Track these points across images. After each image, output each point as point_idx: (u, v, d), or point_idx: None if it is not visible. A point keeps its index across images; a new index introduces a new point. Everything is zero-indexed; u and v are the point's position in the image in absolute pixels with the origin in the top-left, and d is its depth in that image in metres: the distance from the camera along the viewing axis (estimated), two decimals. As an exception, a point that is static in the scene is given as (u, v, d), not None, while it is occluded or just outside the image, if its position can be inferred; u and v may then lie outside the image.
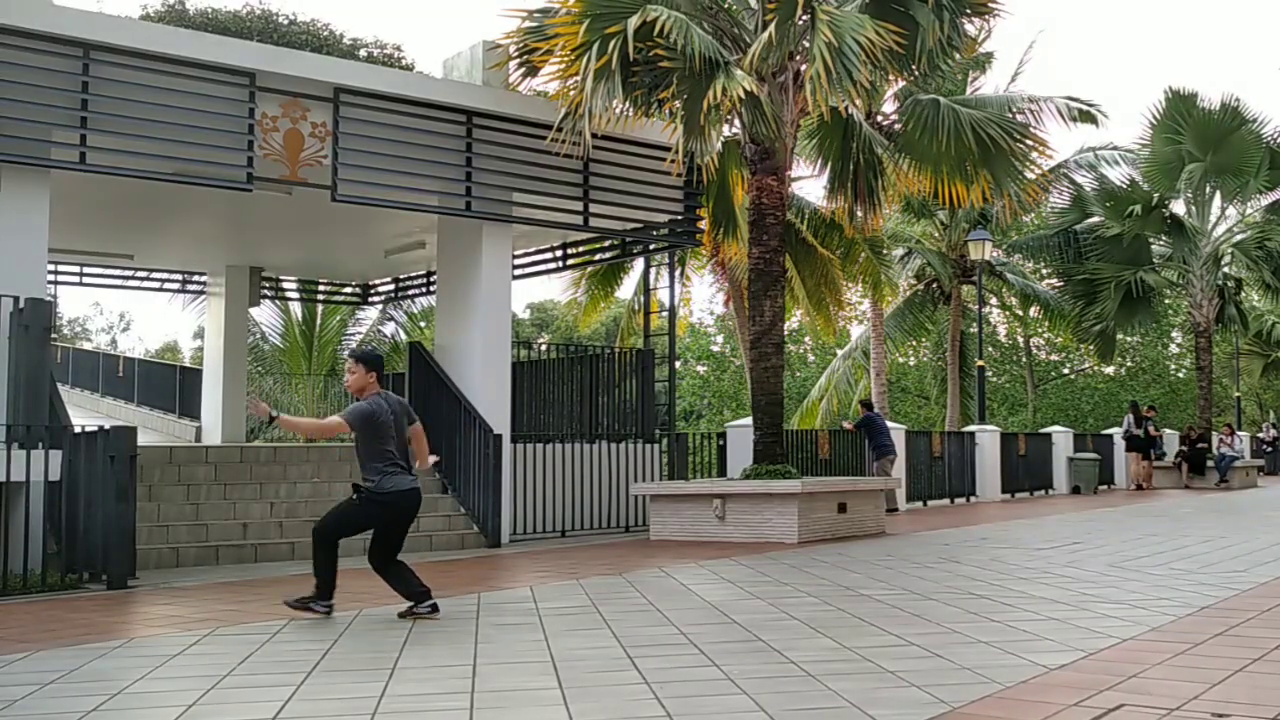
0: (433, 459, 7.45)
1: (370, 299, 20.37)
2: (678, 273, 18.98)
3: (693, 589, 8.14)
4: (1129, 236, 24.47)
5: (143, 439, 9.74)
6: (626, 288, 23.17)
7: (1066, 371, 43.46)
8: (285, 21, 14.74)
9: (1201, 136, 23.97)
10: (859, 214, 14.76)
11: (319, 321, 22.31)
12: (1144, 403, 27.82)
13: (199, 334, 32.39)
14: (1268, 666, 5.07)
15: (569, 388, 14.20)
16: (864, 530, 12.55)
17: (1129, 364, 42.42)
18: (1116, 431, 25.43)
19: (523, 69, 12.99)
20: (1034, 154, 14.16)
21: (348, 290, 20.18)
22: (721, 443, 15.62)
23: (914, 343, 35.92)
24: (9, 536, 8.76)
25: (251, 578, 9.34)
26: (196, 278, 18.59)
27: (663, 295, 16.13)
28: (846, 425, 17.93)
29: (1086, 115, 18.21)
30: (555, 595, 7.88)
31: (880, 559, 9.94)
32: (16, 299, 9.39)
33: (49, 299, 10.16)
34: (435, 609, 6.80)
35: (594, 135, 11.84)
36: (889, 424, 17.49)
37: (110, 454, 8.79)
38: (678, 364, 18.96)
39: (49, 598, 8.24)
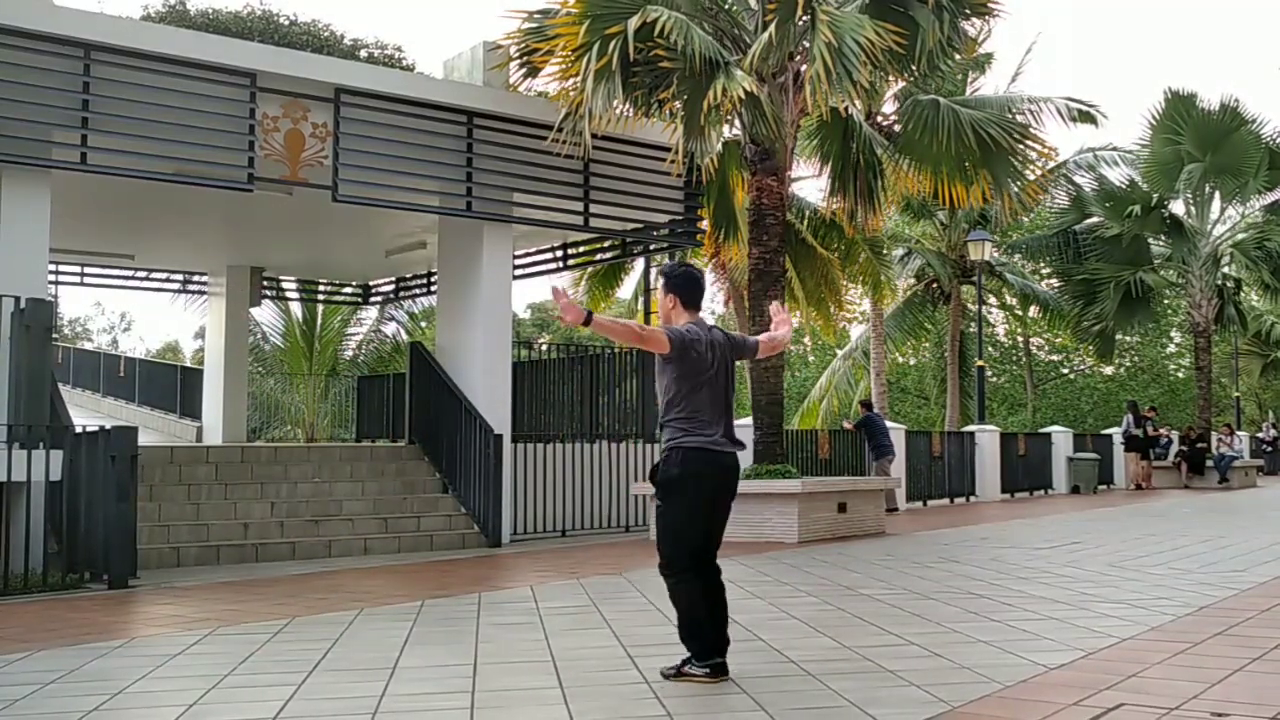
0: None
1: (371, 299, 20.37)
2: (678, 273, 18.94)
3: (693, 589, 8.14)
4: (1128, 237, 24.47)
5: (143, 439, 9.74)
6: (627, 288, 23.17)
7: (1066, 371, 43.45)
8: (286, 22, 14.78)
9: (1201, 137, 23.97)
10: (859, 214, 14.77)
11: (319, 321, 22.30)
12: (1144, 403, 27.81)
13: (200, 334, 32.41)
14: (1268, 666, 5.08)
15: (569, 388, 14.21)
16: (864, 530, 12.55)
17: (1128, 364, 42.42)
18: (1116, 431, 25.43)
19: (523, 70, 13.00)
20: (1034, 154, 14.17)
21: (348, 290, 20.19)
22: (722, 443, 15.58)
23: (914, 343, 35.89)
24: (10, 536, 8.77)
25: (252, 578, 9.35)
26: (197, 278, 18.60)
27: (663, 295, 16.12)
28: (846, 425, 17.94)
29: (1086, 116, 18.18)
30: (555, 595, 7.88)
31: (880, 559, 9.95)
32: (17, 299, 9.41)
33: (50, 299, 10.17)
34: (715, 672, 4.90)
35: (594, 136, 11.85)
36: (888, 424, 17.51)
37: (111, 454, 8.80)
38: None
39: (50, 597, 8.25)
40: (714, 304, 40.02)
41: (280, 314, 21.94)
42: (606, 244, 15.38)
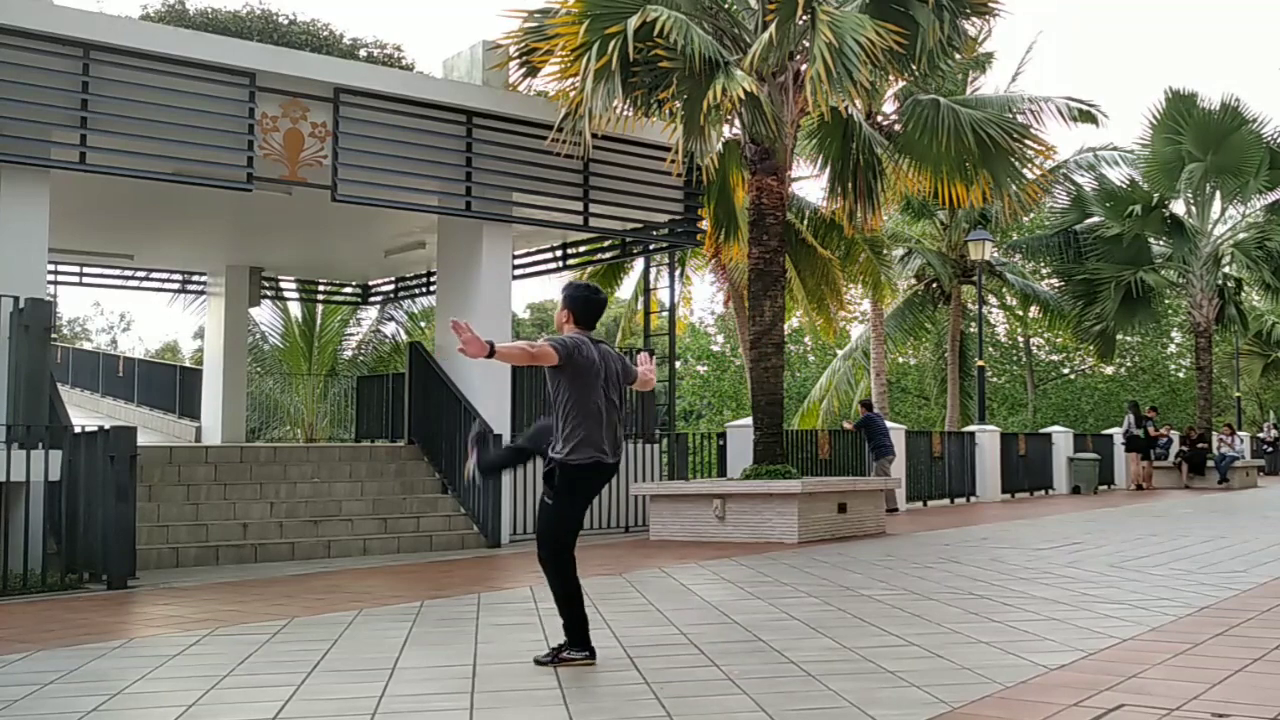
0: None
1: (370, 299, 20.37)
2: (678, 273, 19.00)
3: (693, 589, 8.14)
4: (1129, 236, 24.47)
5: (143, 439, 9.74)
6: (626, 288, 23.19)
7: (1066, 371, 43.44)
8: (285, 21, 14.74)
9: (1201, 136, 23.95)
10: (859, 214, 14.75)
11: (319, 321, 22.29)
12: (1144, 403, 27.79)
13: (199, 334, 32.38)
14: (1268, 666, 5.07)
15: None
16: (864, 530, 12.54)
17: (1129, 364, 42.41)
18: (1116, 431, 25.41)
19: (523, 69, 12.99)
20: (1034, 154, 14.16)
21: (348, 290, 20.18)
22: (721, 443, 15.61)
23: (914, 343, 35.90)
24: (9, 536, 8.76)
25: (251, 578, 9.34)
26: (196, 278, 18.59)
27: (663, 295, 16.15)
28: (847, 425, 17.93)
29: (1086, 115, 18.21)
30: (555, 595, 7.86)
31: (880, 559, 9.94)
32: (16, 299, 9.40)
33: (49, 299, 10.17)
34: (592, 655, 5.38)
35: (594, 135, 11.85)
36: (889, 424, 17.50)
37: (110, 454, 8.79)
38: (678, 364, 18.95)
39: (49, 598, 8.24)
40: (714, 304, 40.12)
41: (279, 314, 21.94)
42: (606, 244, 15.38)
